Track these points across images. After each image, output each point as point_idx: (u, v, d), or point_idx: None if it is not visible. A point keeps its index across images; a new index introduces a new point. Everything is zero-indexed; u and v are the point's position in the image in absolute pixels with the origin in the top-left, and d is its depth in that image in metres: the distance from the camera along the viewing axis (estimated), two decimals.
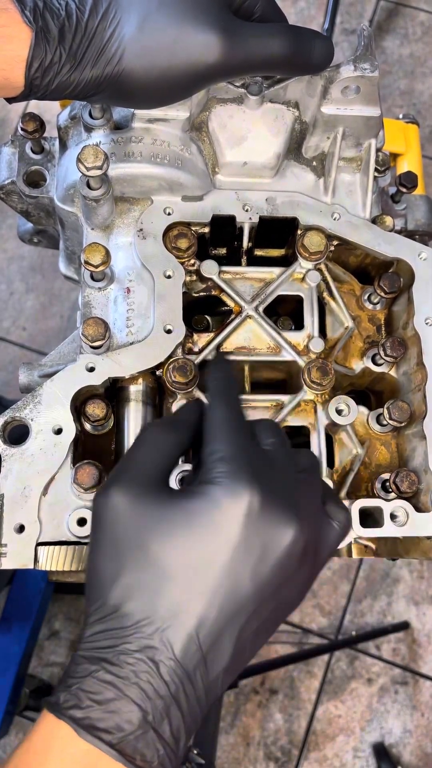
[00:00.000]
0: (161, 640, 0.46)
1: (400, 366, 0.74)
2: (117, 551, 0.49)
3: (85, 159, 0.62)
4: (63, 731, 0.45)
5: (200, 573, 0.47)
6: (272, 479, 0.50)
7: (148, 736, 0.45)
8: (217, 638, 0.47)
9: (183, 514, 0.48)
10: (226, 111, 0.72)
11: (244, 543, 0.47)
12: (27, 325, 2.16)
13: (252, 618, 0.48)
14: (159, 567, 0.47)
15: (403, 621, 1.97)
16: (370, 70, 0.66)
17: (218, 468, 0.49)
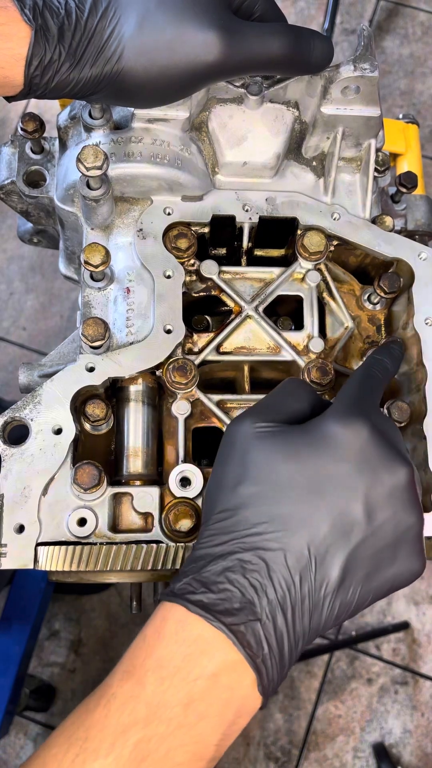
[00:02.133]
0: (274, 545, 0.48)
1: (400, 366, 0.74)
2: (242, 463, 0.52)
3: (85, 159, 0.62)
4: (178, 614, 0.47)
5: (316, 489, 0.50)
6: (389, 428, 0.54)
7: (255, 629, 0.47)
8: (326, 554, 0.49)
9: (305, 437, 0.52)
10: (226, 111, 0.72)
11: (360, 465, 0.50)
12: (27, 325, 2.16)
13: (361, 546, 0.50)
14: (278, 480, 0.50)
15: (403, 621, 1.97)
16: (369, 70, 0.66)
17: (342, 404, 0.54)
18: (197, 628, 0.47)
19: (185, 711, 0.45)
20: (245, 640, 0.46)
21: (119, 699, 0.46)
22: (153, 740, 0.44)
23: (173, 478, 0.64)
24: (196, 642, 0.46)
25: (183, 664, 0.46)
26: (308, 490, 0.50)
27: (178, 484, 0.64)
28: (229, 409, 0.70)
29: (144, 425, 0.67)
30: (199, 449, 0.72)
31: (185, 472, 0.64)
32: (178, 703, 0.45)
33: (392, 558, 0.52)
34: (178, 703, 0.45)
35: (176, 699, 0.45)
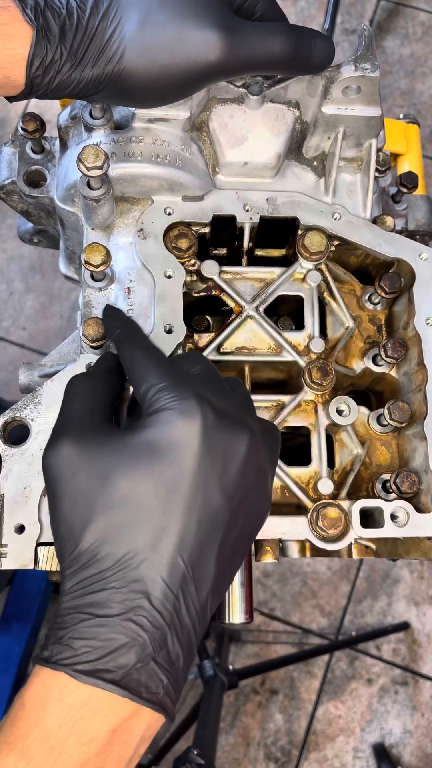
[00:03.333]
0: (147, 570, 0.46)
1: (401, 366, 0.74)
2: (81, 497, 0.49)
3: (86, 159, 0.62)
4: (60, 681, 0.44)
5: (171, 495, 0.47)
6: (215, 396, 0.52)
7: (149, 668, 0.44)
8: (199, 556, 0.47)
9: (141, 444, 0.49)
10: (226, 111, 0.72)
11: (207, 457, 0.48)
12: (27, 325, 2.16)
13: (228, 531, 0.49)
14: (129, 501, 0.48)
15: (403, 621, 1.97)
16: (370, 70, 0.66)
17: (163, 396, 0.50)
18: (85, 691, 0.43)
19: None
20: (142, 685, 0.44)
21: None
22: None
23: None
24: (86, 705, 0.43)
25: (74, 730, 0.42)
26: (163, 501, 0.47)
27: None
28: None
29: None
30: None
31: None
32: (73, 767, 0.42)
33: (250, 531, 0.52)
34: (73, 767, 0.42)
35: (69, 765, 0.42)
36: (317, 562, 2.06)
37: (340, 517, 0.64)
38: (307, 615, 2.01)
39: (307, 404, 0.71)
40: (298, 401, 0.70)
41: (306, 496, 0.67)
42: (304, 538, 0.65)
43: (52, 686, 0.44)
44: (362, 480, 0.72)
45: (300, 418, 0.70)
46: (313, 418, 0.70)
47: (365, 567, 2.05)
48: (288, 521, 0.64)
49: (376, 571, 2.03)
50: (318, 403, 0.70)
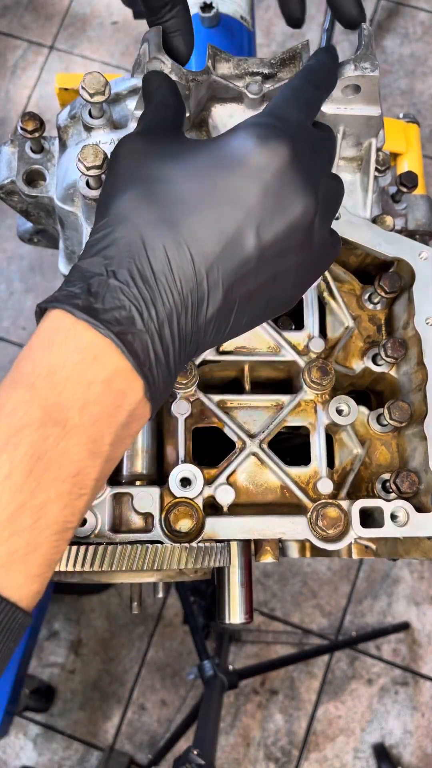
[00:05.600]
0: (161, 254, 0.47)
1: (401, 366, 0.74)
2: (133, 172, 0.50)
3: (85, 158, 0.62)
4: (65, 324, 0.45)
5: (210, 201, 0.47)
6: (307, 151, 0.51)
7: (143, 338, 0.46)
8: (210, 272, 0.47)
9: (208, 149, 0.50)
10: (226, 110, 0.72)
11: (263, 195, 0.48)
12: (26, 324, 2.16)
13: (249, 274, 0.49)
14: (170, 189, 0.48)
15: (403, 621, 1.97)
16: (370, 69, 0.66)
17: (263, 117, 0.51)
18: (87, 336, 0.45)
19: (80, 413, 0.44)
20: (133, 348, 0.46)
21: (9, 405, 0.44)
22: (49, 440, 0.43)
23: (173, 478, 0.64)
24: (87, 349, 0.45)
25: (75, 371, 0.44)
26: (201, 201, 0.47)
27: (178, 484, 0.64)
28: (230, 409, 0.70)
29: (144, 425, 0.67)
30: (200, 449, 0.72)
31: (185, 472, 0.64)
32: (74, 405, 0.44)
33: (272, 296, 0.52)
34: (74, 405, 0.44)
35: (71, 402, 0.44)
36: (317, 562, 2.06)
37: (339, 517, 0.64)
38: (307, 615, 2.01)
39: (307, 404, 0.71)
40: (297, 401, 0.70)
41: (306, 495, 0.67)
42: (304, 538, 0.65)
43: (57, 329, 0.45)
44: (362, 480, 0.72)
45: (300, 417, 0.70)
46: (313, 417, 0.70)
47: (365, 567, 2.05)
48: (288, 521, 0.64)
49: (376, 571, 2.03)
50: (317, 402, 0.70)
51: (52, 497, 0.43)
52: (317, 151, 0.53)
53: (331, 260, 0.57)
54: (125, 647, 2.01)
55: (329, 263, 0.57)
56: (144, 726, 1.96)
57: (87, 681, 1.98)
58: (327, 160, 0.55)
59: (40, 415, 0.43)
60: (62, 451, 0.44)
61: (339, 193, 0.56)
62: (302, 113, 0.54)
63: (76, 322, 0.45)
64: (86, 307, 0.45)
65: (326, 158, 0.55)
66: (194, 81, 0.67)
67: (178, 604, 2.01)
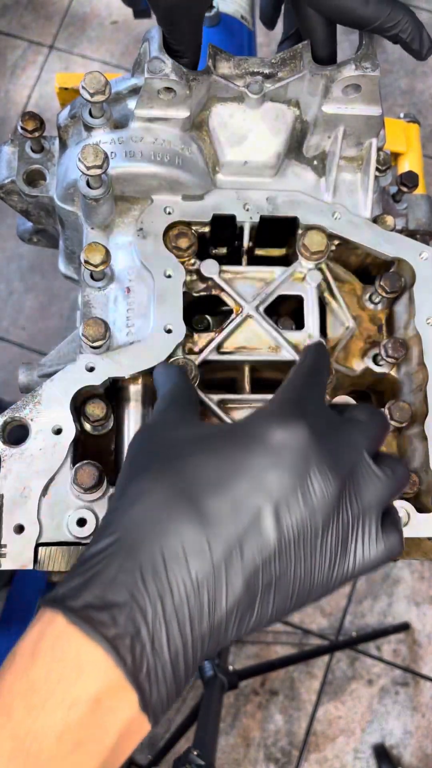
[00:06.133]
0: (175, 542, 0.43)
1: (402, 366, 0.74)
2: (150, 455, 0.48)
3: (85, 158, 0.62)
4: (55, 628, 0.42)
5: (229, 483, 0.45)
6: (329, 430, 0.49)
7: (143, 640, 0.41)
8: (228, 555, 0.43)
9: (230, 432, 0.48)
10: (226, 110, 0.71)
11: (282, 475, 0.45)
12: (26, 324, 2.16)
13: (270, 559, 0.45)
14: (190, 465, 0.46)
15: (403, 622, 1.97)
16: (371, 69, 0.66)
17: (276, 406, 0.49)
18: (75, 644, 0.41)
19: (59, 741, 0.39)
20: (131, 654, 0.41)
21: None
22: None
23: None
24: (74, 660, 0.40)
25: (57, 688, 0.40)
26: (219, 479, 0.45)
27: None
28: (230, 409, 0.70)
29: None
30: None
31: None
32: (51, 733, 0.39)
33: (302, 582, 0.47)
34: (51, 733, 0.39)
35: (48, 728, 0.39)
36: None
37: None
38: (308, 615, 2.01)
39: None
40: None
41: None
42: None
43: (46, 634, 0.42)
44: None
45: None
46: None
47: None
48: None
49: (377, 572, 2.03)
50: None
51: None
52: (341, 430, 0.50)
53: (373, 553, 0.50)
54: None
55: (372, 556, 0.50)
56: None
57: None
58: (357, 439, 0.51)
59: (10, 748, 0.39)
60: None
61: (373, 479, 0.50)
62: (314, 400, 0.52)
63: (68, 626, 0.41)
64: (81, 607, 0.41)
65: (356, 438, 0.51)
66: (194, 80, 0.66)
67: None
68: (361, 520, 0.49)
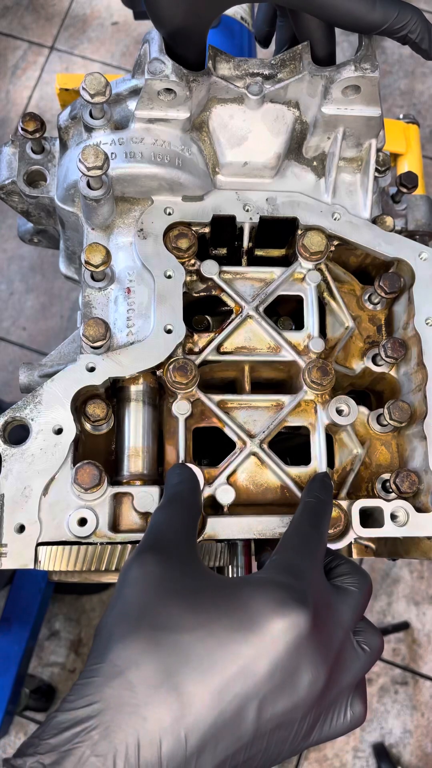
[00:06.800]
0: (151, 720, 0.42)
1: (401, 366, 0.74)
2: (138, 612, 0.46)
3: (86, 159, 0.62)
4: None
5: (217, 669, 0.44)
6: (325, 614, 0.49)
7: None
8: (201, 747, 0.43)
9: (225, 600, 0.47)
10: (226, 111, 0.72)
11: (272, 669, 0.45)
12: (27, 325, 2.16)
13: (242, 749, 0.45)
14: (180, 641, 0.44)
15: (403, 621, 1.97)
16: (370, 70, 0.66)
17: (280, 575, 0.48)
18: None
19: None
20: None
21: None
22: None
23: None
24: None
25: None
26: (208, 664, 0.44)
27: None
28: (230, 409, 0.70)
29: (144, 425, 0.67)
30: (200, 449, 0.72)
31: None
32: None
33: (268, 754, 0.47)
34: None
35: None
36: None
37: (340, 517, 0.64)
38: None
39: (307, 404, 0.71)
40: (297, 401, 0.70)
41: None
42: None
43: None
44: (362, 480, 0.72)
45: (300, 417, 0.70)
46: (313, 417, 0.70)
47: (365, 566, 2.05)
48: (288, 521, 0.64)
49: (376, 571, 2.03)
50: (318, 402, 0.70)
51: None
52: (334, 608, 0.51)
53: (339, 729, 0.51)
54: None
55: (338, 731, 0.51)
56: None
57: None
58: (346, 617, 0.51)
59: None
60: None
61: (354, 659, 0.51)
62: (315, 563, 0.52)
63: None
64: None
65: (346, 615, 0.51)
66: (194, 82, 0.67)
67: None
68: (337, 701, 0.50)
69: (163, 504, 0.58)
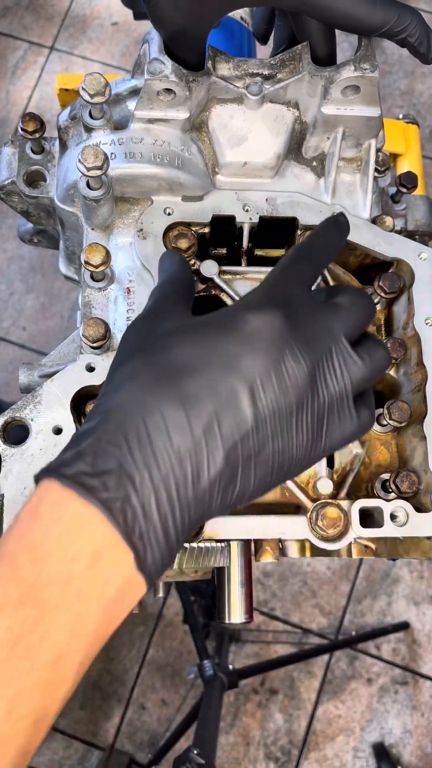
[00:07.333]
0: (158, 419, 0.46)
1: (400, 366, 0.74)
2: (137, 346, 0.51)
3: (86, 159, 0.62)
4: (53, 493, 0.44)
5: (207, 368, 0.48)
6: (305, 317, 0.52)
7: (134, 504, 0.43)
8: (207, 430, 0.46)
9: (207, 321, 0.51)
10: (226, 111, 0.72)
11: (255, 358, 0.48)
12: (27, 325, 2.16)
13: (248, 434, 0.47)
14: (172, 354, 0.49)
15: (403, 621, 1.98)
16: (370, 70, 0.66)
17: (258, 291, 0.53)
18: (73, 506, 0.43)
19: (63, 590, 0.42)
20: (123, 516, 0.43)
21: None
22: (27, 622, 0.41)
23: None
24: (72, 520, 0.43)
25: (59, 544, 0.42)
26: (198, 365, 0.48)
27: None
28: None
29: None
30: None
31: None
32: (56, 582, 0.42)
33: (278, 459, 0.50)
34: (56, 582, 0.42)
35: (52, 578, 0.42)
36: (317, 562, 2.06)
37: (339, 517, 0.65)
38: (307, 615, 2.01)
39: None
40: None
41: (305, 495, 0.67)
42: (304, 538, 0.65)
43: (44, 499, 0.44)
44: (362, 480, 0.72)
45: None
46: None
47: (365, 567, 2.05)
48: (287, 521, 0.64)
49: (376, 571, 2.03)
50: None
51: (28, 686, 0.40)
52: (320, 316, 0.53)
53: (347, 431, 0.53)
54: (125, 647, 2.01)
55: (346, 433, 0.53)
56: (144, 725, 1.96)
57: (87, 680, 1.98)
58: (335, 325, 0.53)
59: (18, 595, 0.41)
60: (41, 635, 0.41)
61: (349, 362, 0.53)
62: (297, 286, 0.54)
63: (64, 491, 0.43)
64: (75, 473, 0.44)
65: (334, 324, 0.53)
66: (194, 82, 0.67)
67: (178, 603, 2.01)
68: (335, 401, 0.52)
69: (159, 284, 0.61)
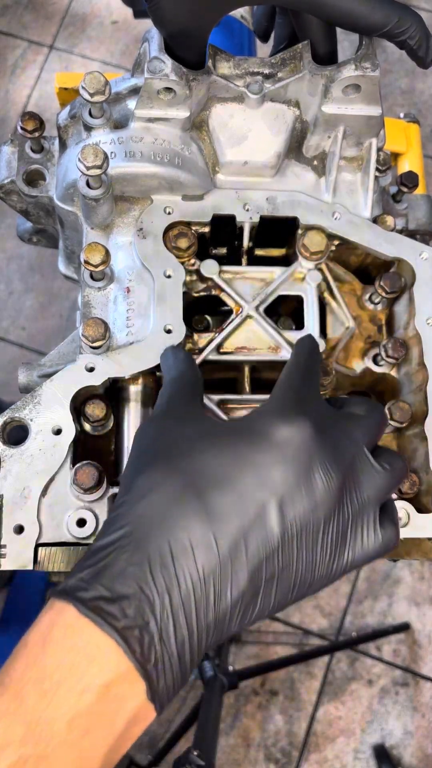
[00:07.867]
0: (183, 536, 0.44)
1: (401, 366, 0.74)
2: (157, 450, 0.49)
3: (85, 158, 0.62)
4: (66, 618, 0.43)
5: (234, 479, 0.46)
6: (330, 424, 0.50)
7: (152, 631, 0.42)
8: (233, 549, 0.44)
9: (235, 428, 0.49)
10: (226, 110, 0.71)
11: (286, 470, 0.47)
12: (26, 324, 2.16)
13: (274, 553, 0.46)
14: (196, 462, 0.47)
15: (403, 622, 1.97)
16: (371, 69, 0.66)
17: (279, 398, 0.51)
18: (87, 634, 0.42)
19: (69, 727, 0.40)
20: (140, 645, 0.42)
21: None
22: (30, 761, 0.39)
23: None
24: (84, 649, 0.41)
25: (69, 675, 0.41)
26: (224, 475, 0.46)
27: None
28: (230, 409, 0.70)
29: None
30: None
31: None
32: (62, 719, 0.40)
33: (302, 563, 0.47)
34: (62, 719, 0.40)
35: (59, 714, 0.40)
36: None
37: None
38: (308, 616, 2.01)
39: None
40: None
41: None
42: None
43: (56, 623, 0.43)
44: None
45: None
46: None
47: (365, 568, 2.05)
48: None
49: (377, 572, 2.03)
50: None
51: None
52: (341, 425, 0.52)
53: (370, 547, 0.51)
54: None
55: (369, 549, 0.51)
56: None
57: None
58: (356, 434, 0.52)
59: (22, 733, 0.40)
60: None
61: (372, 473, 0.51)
62: (316, 394, 0.53)
63: (79, 618, 0.42)
64: (92, 598, 0.42)
65: (355, 432, 0.52)
66: (194, 81, 0.66)
67: None
68: (360, 513, 0.50)
69: (168, 382, 0.59)
